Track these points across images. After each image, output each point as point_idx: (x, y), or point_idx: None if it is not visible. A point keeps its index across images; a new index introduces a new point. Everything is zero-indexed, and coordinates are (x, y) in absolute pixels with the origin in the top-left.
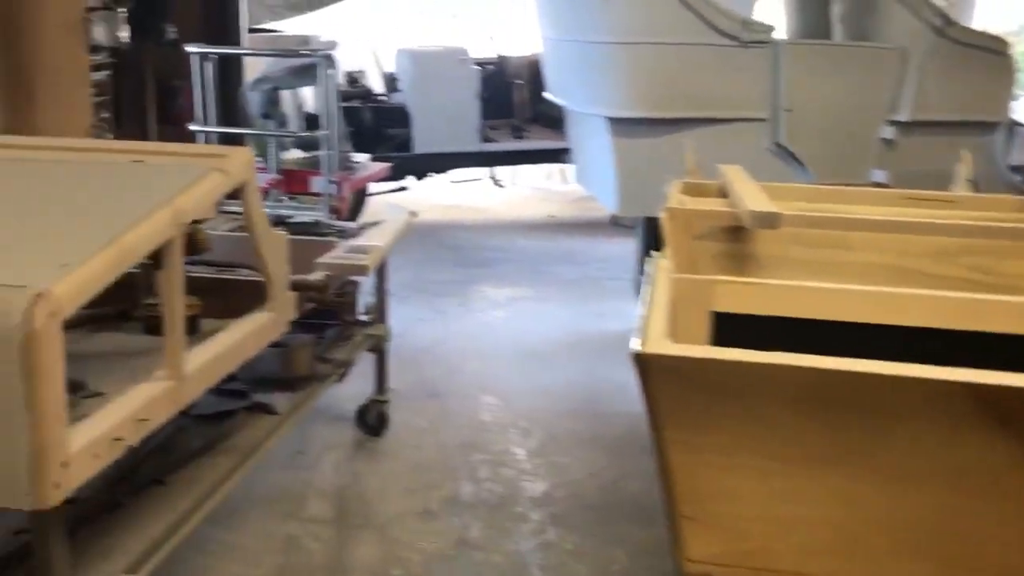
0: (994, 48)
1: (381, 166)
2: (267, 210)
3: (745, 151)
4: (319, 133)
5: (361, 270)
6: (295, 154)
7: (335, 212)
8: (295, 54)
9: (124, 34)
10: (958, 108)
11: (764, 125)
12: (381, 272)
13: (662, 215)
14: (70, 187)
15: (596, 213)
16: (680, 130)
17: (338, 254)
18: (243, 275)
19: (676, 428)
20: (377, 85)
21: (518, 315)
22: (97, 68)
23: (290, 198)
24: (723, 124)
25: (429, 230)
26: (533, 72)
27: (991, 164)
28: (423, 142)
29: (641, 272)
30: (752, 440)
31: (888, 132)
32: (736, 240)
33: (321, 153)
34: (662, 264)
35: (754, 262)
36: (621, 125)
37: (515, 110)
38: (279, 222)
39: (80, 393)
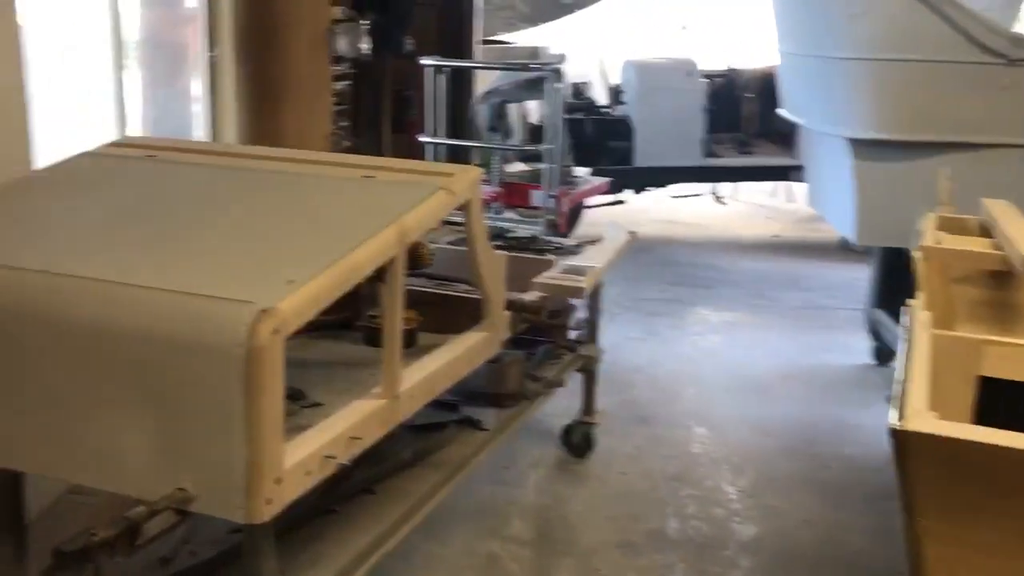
0: None
1: (600, 181)
2: (487, 222)
3: (1006, 181)
4: (542, 147)
5: (577, 292)
6: (518, 167)
7: (554, 227)
8: (525, 68)
9: (365, 46)
10: None
11: None
12: (595, 291)
13: (916, 254)
14: (302, 200)
15: (825, 235)
16: (930, 155)
17: (554, 274)
18: (461, 290)
19: (935, 517)
20: (601, 97)
21: (736, 341)
22: (338, 78)
23: (511, 211)
24: (981, 150)
25: (645, 245)
26: (764, 85)
27: None
28: (644, 155)
29: (875, 305)
30: None
31: None
32: (1002, 287)
33: (543, 167)
34: (919, 317)
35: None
36: (864, 147)
37: (743, 124)
38: (498, 235)
39: (300, 402)
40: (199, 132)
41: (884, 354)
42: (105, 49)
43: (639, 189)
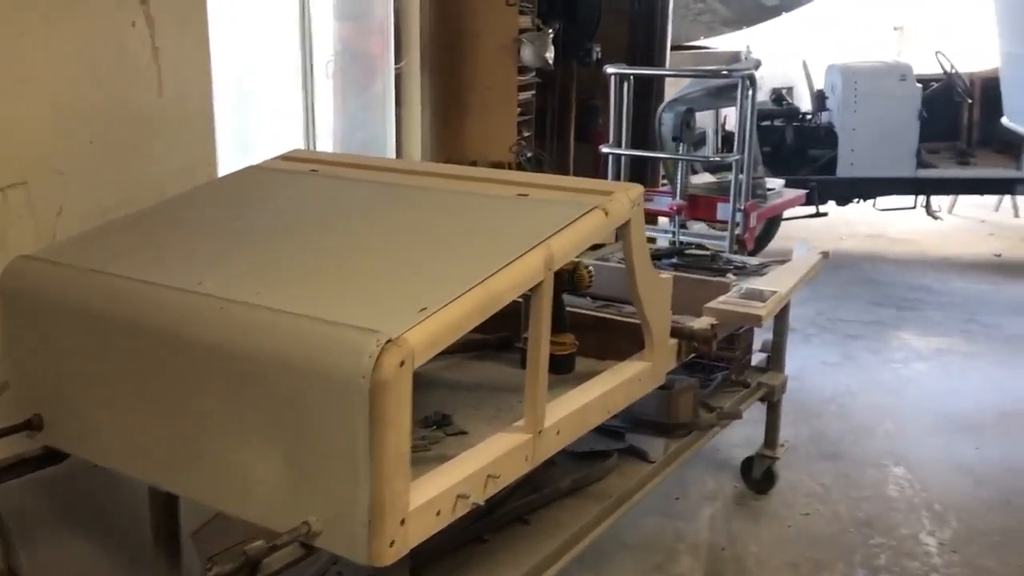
0: None
1: (795, 194)
2: (666, 235)
3: None
4: (730, 158)
5: (754, 320)
6: (705, 178)
7: (740, 244)
8: (714, 74)
9: (551, 55)
10: None
11: None
12: (782, 313)
13: None
14: (450, 219)
15: None
16: None
17: (731, 299)
18: (626, 313)
19: None
20: (805, 103)
21: (943, 371)
22: (524, 88)
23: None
24: None
25: (847, 261)
26: (986, 90)
27: None
28: (849, 165)
29: None
30: None
31: None
32: None
33: (731, 179)
34: None
35: None
36: None
37: (962, 132)
38: (677, 252)
39: (446, 428)
40: (388, 141)
41: None
42: (297, 61)
43: (843, 201)
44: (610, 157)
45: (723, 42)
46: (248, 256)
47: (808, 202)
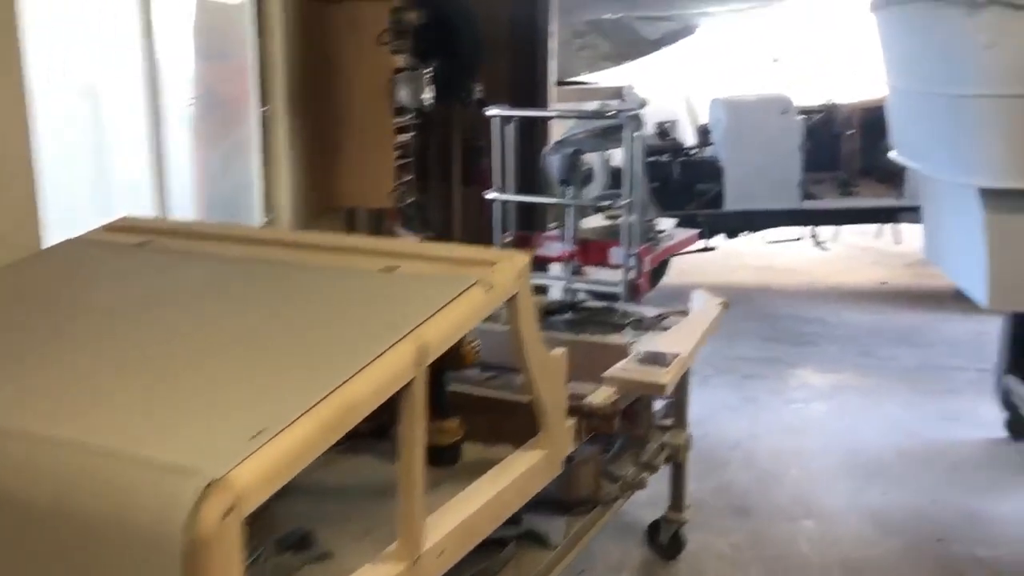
0: None
1: (688, 234)
2: (558, 282)
3: None
4: (620, 202)
5: (657, 390)
6: (597, 220)
7: (635, 288)
8: (598, 116)
9: (429, 95)
10: None
11: None
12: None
13: None
14: (297, 305)
15: (939, 281)
16: None
17: (631, 365)
18: (518, 388)
19: None
20: (689, 137)
21: (844, 410)
22: (402, 129)
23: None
24: None
25: (740, 295)
26: (866, 120)
27: None
28: (736, 198)
29: (1007, 371)
30: None
31: None
32: None
33: (622, 221)
34: None
35: None
36: (997, 198)
37: (844, 163)
38: (569, 306)
39: (308, 552)
40: (254, 191)
41: (1018, 427)
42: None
43: (732, 234)
44: (495, 203)
45: (608, 77)
46: (41, 367)
47: (698, 236)
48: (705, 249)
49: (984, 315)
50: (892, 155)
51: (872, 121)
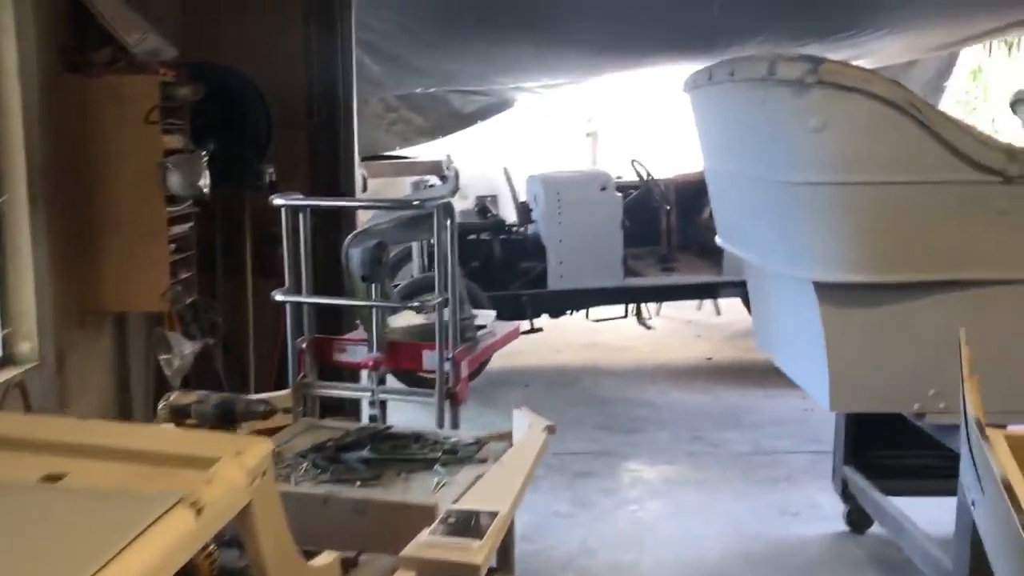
0: None
1: (510, 328)
2: (365, 395)
3: (1009, 323)
4: (432, 301)
5: (470, 571)
6: (406, 318)
7: (452, 398)
8: (406, 205)
9: (206, 180)
10: None
11: None
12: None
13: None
14: None
15: (759, 355)
16: (916, 297)
17: (436, 540)
18: None
19: None
20: (509, 210)
21: (680, 508)
22: (178, 220)
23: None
24: (979, 288)
25: (567, 376)
26: (682, 195)
27: None
28: (559, 277)
29: (845, 461)
30: None
31: None
32: None
33: (436, 321)
34: None
35: None
36: (835, 292)
37: (662, 238)
38: (371, 437)
39: None
40: None
41: (859, 520)
42: None
43: (556, 313)
44: (287, 306)
45: (425, 150)
46: None
47: (521, 316)
48: (531, 331)
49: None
50: (718, 241)
51: (688, 196)
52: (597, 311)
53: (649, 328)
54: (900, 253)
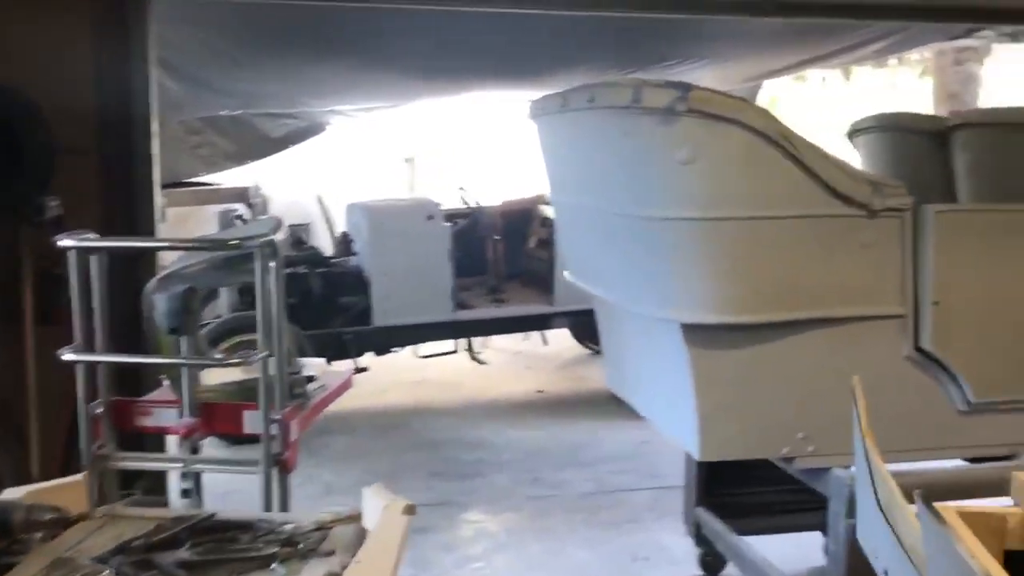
0: None
1: (343, 377)
2: (176, 466)
3: (875, 361)
4: (255, 358)
5: None
6: (222, 373)
7: (280, 465)
8: (220, 246)
9: None
10: None
11: (900, 324)
12: None
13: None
14: None
15: (590, 384)
16: (783, 336)
17: None
18: None
19: None
20: (325, 243)
21: (529, 562)
22: None
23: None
24: (844, 325)
25: (396, 418)
26: (510, 223)
27: None
28: (385, 312)
29: (697, 503)
30: None
31: None
32: None
33: (260, 378)
34: None
35: None
36: (704, 335)
37: (490, 268)
38: (188, 529)
39: None
40: None
41: (713, 563)
42: None
43: (382, 351)
44: (77, 367)
45: (231, 177)
46: None
47: (343, 356)
48: (356, 371)
49: (644, 423)
50: (567, 277)
51: (515, 225)
52: (425, 346)
53: (482, 363)
54: (770, 291)
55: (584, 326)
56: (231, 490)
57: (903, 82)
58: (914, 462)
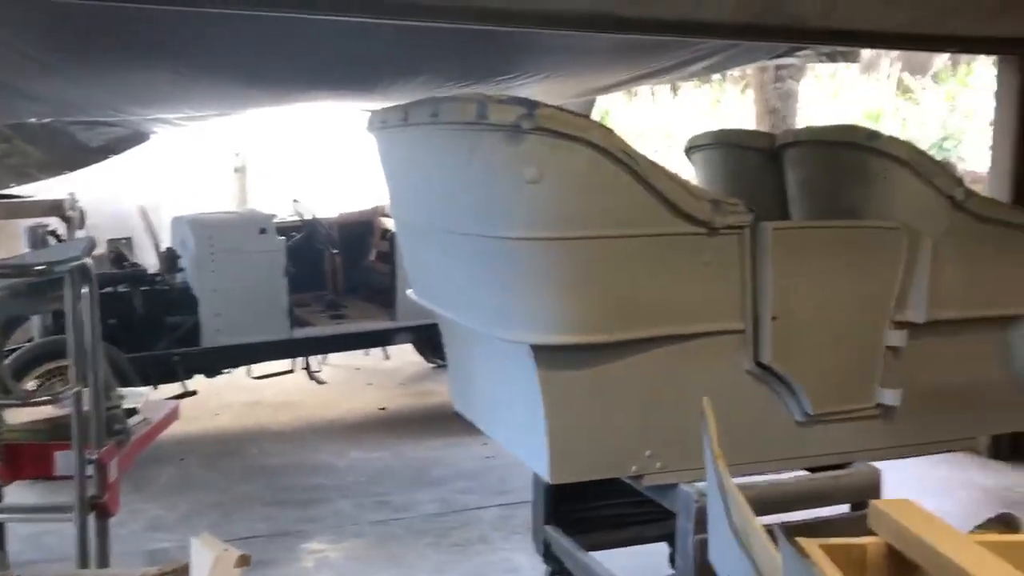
0: (1018, 222)
1: (168, 408)
2: None
3: (717, 376)
4: (66, 392)
5: None
6: (29, 410)
7: (98, 510)
8: (26, 271)
9: None
10: (981, 301)
11: (741, 339)
12: None
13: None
14: None
15: (435, 400)
16: (629, 355)
17: None
18: None
19: None
20: (150, 259)
21: None
22: None
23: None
24: (688, 342)
25: (230, 444)
26: (346, 236)
27: (1011, 367)
28: (215, 332)
29: (545, 520)
30: None
31: (895, 338)
32: None
33: (72, 415)
34: None
35: None
36: (554, 356)
37: (328, 282)
38: None
39: None
40: None
41: None
42: None
43: (212, 373)
44: None
45: (45, 188)
46: None
47: (171, 379)
48: (184, 395)
49: (486, 438)
50: (411, 295)
51: (354, 237)
52: (260, 367)
53: (321, 382)
54: (617, 310)
55: (428, 340)
56: (46, 530)
57: (727, 97)
58: (757, 474)
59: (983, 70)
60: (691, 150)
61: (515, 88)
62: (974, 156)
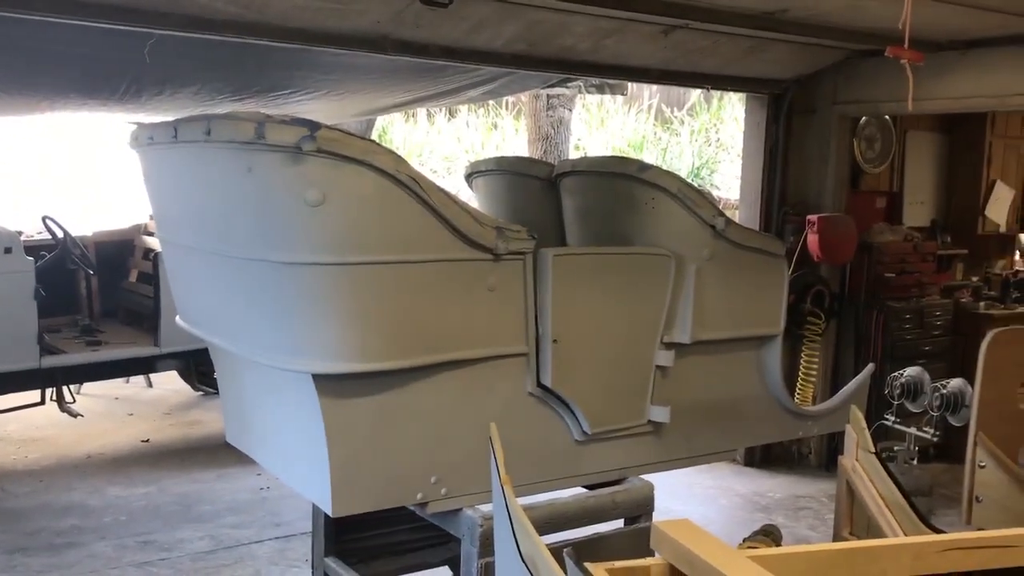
0: (769, 250)
1: None
2: None
3: (502, 400)
4: None
5: None
6: None
7: None
8: None
9: None
10: (737, 322)
11: (524, 362)
12: None
13: None
14: None
15: (203, 430)
16: (414, 382)
17: None
18: None
19: None
20: None
21: None
22: None
23: None
24: (474, 366)
25: None
26: (103, 256)
27: (765, 383)
28: None
29: (325, 552)
30: None
31: (664, 358)
32: None
33: None
34: None
35: None
36: (337, 385)
37: (83, 306)
38: None
39: None
40: None
41: None
42: None
43: None
44: None
45: None
46: None
47: None
48: None
49: (260, 469)
50: (179, 323)
51: (112, 257)
52: (3, 399)
53: (75, 415)
54: (403, 336)
55: (195, 367)
56: None
57: (502, 122)
58: (538, 493)
59: (734, 105)
60: (472, 175)
61: (292, 105)
62: (726, 184)
